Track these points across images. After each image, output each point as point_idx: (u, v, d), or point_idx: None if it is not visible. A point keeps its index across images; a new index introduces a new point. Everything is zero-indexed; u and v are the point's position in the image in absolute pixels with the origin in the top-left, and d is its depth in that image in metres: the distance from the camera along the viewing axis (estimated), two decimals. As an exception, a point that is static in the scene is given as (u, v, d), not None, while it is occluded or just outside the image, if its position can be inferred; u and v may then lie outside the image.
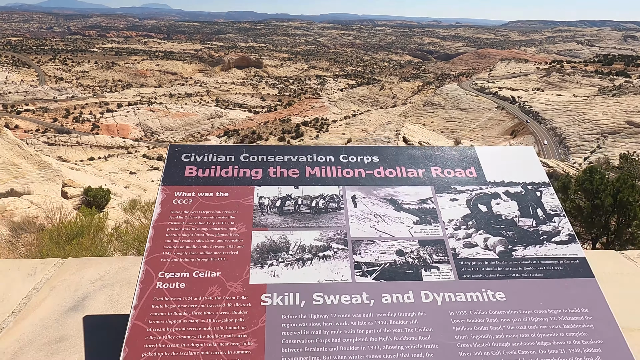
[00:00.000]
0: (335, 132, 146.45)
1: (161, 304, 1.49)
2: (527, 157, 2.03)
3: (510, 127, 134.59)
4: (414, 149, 2.04)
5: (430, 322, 1.50)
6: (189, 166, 1.89)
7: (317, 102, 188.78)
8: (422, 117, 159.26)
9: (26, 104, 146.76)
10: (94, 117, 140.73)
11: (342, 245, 1.67)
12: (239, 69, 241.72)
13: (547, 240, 1.73)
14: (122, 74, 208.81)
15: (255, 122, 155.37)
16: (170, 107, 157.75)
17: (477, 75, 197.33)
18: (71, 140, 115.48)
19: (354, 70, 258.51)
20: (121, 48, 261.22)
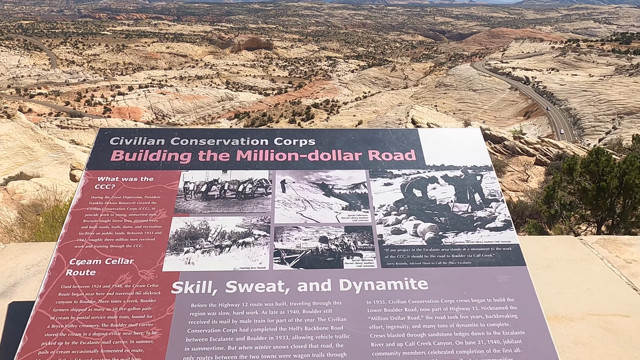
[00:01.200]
0: (345, 114, 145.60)
1: (68, 292, 1.46)
2: (472, 140, 1.95)
3: (523, 108, 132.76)
4: (353, 131, 1.96)
5: (345, 311, 1.44)
6: (116, 150, 1.84)
7: (328, 83, 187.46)
8: (433, 99, 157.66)
9: (39, 87, 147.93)
10: (106, 100, 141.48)
11: (264, 232, 1.62)
12: (249, 50, 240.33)
13: (480, 227, 1.66)
14: (132, 57, 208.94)
15: (266, 105, 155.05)
16: (181, 90, 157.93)
17: (491, 55, 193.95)
18: (83, 124, 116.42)
19: (365, 51, 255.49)
20: (131, 31, 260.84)
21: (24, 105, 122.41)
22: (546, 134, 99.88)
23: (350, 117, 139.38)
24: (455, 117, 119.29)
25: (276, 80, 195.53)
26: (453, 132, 1.99)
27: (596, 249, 2.18)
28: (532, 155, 29.54)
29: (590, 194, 14.67)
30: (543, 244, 2.22)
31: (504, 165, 27.40)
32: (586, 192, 14.70)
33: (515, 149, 30.23)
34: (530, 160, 28.83)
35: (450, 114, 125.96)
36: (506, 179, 27.08)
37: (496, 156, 29.64)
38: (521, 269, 1.56)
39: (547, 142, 32.40)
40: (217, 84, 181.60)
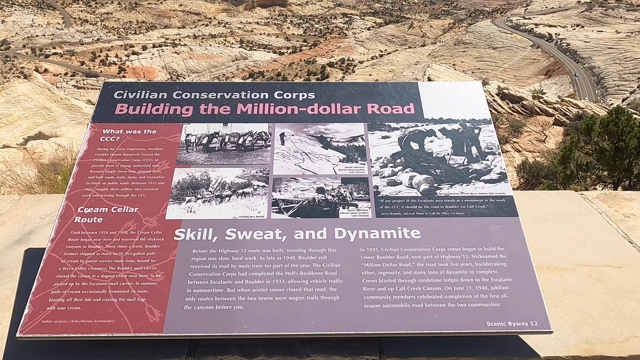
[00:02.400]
0: (361, 73, 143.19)
1: (77, 237, 1.54)
2: (472, 93, 1.94)
3: (545, 67, 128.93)
4: (353, 85, 1.97)
5: (339, 258, 1.50)
6: (120, 103, 1.88)
7: (343, 42, 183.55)
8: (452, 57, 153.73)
9: (53, 47, 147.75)
10: (120, 60, 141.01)
11: (262, 183, 1.67)
12: (263, 8, 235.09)
13: (475, 179, 1.68)
14: (145, 15, 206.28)
15: (280, 64, 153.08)
16: (195, 49, 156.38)
17: (513, 11, 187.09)
18: (99, 84, 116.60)
19: (382, 8, 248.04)
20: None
21: (40, 66, 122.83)
22: (568, 93, 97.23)
23: (366, 77, 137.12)
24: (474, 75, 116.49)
25: (291, 39, 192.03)
26: (453, 86, 1.98)
27: (596, 203, 2.19)
28: (551, 115, 28.91)
29: (607, 155, 14.39)
30: (543, 198, 2.24)
31: (522, 125, 26.93)
32: (604, 153, 14.44)
33: (534, 109, 29.58)
34: (549, 120, 28.24)
35: (468, 73, 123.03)
36: (523, 140, 26.66)
37: (514, 116, 29.07)
38: (513, 219, 1.59)
39: (567, 101, 31.58)
40: (231, 43, 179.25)
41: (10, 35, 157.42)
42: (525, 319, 1.39)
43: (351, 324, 1.38)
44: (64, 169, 10.29)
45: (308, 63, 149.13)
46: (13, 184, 9.39)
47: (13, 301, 1.63)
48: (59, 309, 1.40)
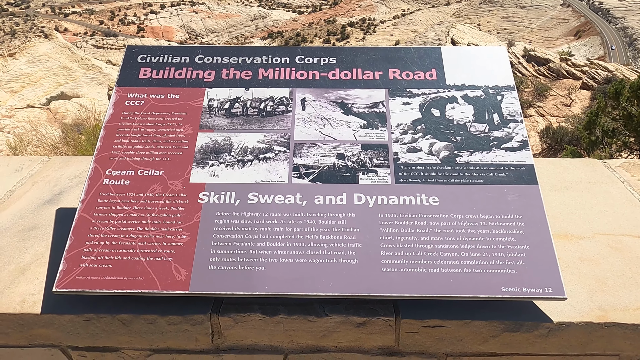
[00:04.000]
0: (382, 33, 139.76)
1: (106, 198, 1.60)
2: (496, 59, 1.91)
3: (574, 27, 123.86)
4: (375, 50, 1.95)
5: (358, 223, 1.54)
6: (143, 67, 1.90)
7: (365, 0, 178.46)
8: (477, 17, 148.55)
9: (72, 6, 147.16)
10: (139, 19, 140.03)
11: (284, 148, 1.70)
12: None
13: (496, 147, 1.68)
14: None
15: (300, 23, 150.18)
16: (213, 8, 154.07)
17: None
18: (118, 44, 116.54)
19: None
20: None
21: (60, 25, 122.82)
22: (597, 55, 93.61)
23: (387, 37, 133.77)
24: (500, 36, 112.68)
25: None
26: (477, 51, 1.95)
27: (618, 172, 2.17)
28: (579, 79, 27.99)
29: (636, 120, 13.91)
30: (564, 166, 2.23)
31: (547, 89, 26.18)
32: (632, 118, 13.94)
33: (561, 72, 28.65)
34: (576, 84, 27.35)
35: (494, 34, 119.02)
36: (548, 104, 25.97)
37: (539, 79, 28.22)
38: (533, 187, 1.60)
39: (596, 64, 30.45)
40: (250, 1, 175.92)
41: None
42: (540, 285, 1.41)
43: (368, 286, 1.43)
44: (87, 129, 10.45)
45: (328, 23, 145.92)
46: (38, 144, 9.60)
47: (48, 257, 1.71)
48: (91, 266, 1.48)
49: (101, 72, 73.67)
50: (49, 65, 68.24)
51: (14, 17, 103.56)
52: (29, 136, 10.43)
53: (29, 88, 64.51)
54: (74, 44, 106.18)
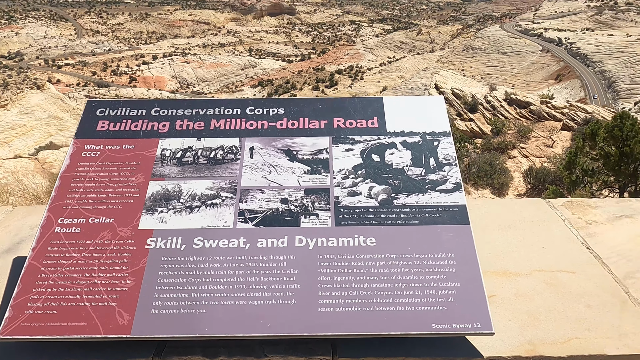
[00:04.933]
0: (370, 80, 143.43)
1: (57, 246, 1.66)
2: (434, 107, 2.04)
3: (555, 72, 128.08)
4: (321, 100, 2.08)
5: (297, 264, 1.61)
6: (101, 120, 2.01)
7: (352, 49, 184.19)
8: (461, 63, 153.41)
9: (66, 58, 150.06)
10: (131, 69, 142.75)
11: (230, 194, 1.78)
12: (272, 16, 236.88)
13: (431, 189, 1.78)
14: (155, 25, 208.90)
15: (289, 72, 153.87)
16: (205, 58, 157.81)
17: (522, 16, 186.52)
18: (110, 94, 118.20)
19: (390, 15, 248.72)
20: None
21: (53, 76, 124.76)
22: (579, 97, 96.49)
23: (375, 83, 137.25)
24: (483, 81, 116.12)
25: (299, 47, 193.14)
26: (416, 100, 2.08)
27: (561, 210, 2.27)
28: (559, 120, 28.77)
29: (613, 160, 14.26)
30: (511, 206, 2.33)
31: (529, 130, 26.82)
32: (609, 158, 14.29)
33: (542, 114, 29.46)
34: (557, 125, 28.10)
35: (477, 78, 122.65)
36: (530, 145, 26.55)
37: (521, 121, 28.97)
38: (465, 227, 1.69)
39: (575, 106, 31.40)
40: (240, 52, 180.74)
41: (24, 47, 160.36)
42: (469, 321, 1.47)
43: (306, 326, 1.48)
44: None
45: (317, 70, 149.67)
46: (21, 194, 9.61)
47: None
48: (37, 313, 1.52)
49: (92, 122, 74.04)
50: (41, 115, 68.94)
51: (7, 69, 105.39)
52: (12, 187, 10.44)
53: (20, 138, 64.87)
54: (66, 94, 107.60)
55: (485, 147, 25.86)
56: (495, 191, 19.18)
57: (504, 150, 25.39)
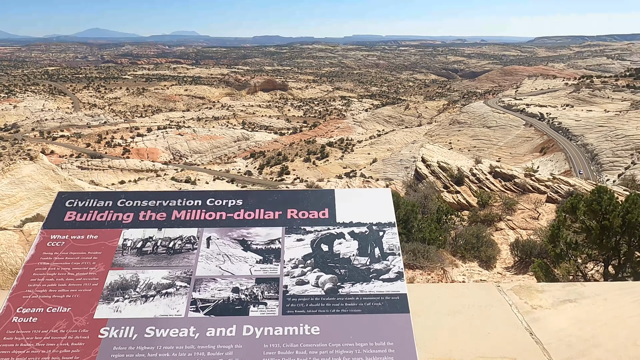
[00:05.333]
0: (360, 152, 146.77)
1: (12, 336, 1.72)
2: (381, 198, 2.21)
3: (539, 145, 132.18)
4: (277, 192, 2.24)
5: (244, 354, 1.68)
6: (69, 211, 2.14)
7: (342, 122, 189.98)
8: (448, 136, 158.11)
9: (61, 130, 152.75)
10: (125, 141, 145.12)
11: (185, 283, 1.88)
12: (265, 92, 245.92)
13: (375, 278, 1.89)
14: (152, 100, 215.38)
15: (281, 144, 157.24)
16: (198, 131, 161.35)
17: (504, 93, 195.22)
18: (103, 165, 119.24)
19: (379, 91, 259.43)
20: (151, 74, 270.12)
21: (47, 148, 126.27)
22: (564, 170, 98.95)
23: (365, 155, 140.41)
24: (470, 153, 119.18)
25: (291, 120, 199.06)
26: (365, 192, 2.25)
27: (509, 295, 2.37)
28: (544, 193, 29.34)
29: (594, 233, 14.49)
30: (460, 290, 2.43)
31: (514, 203, 27.26)
32: (590, 231, 14.53)
33: (526, 187, 30.09)
34: (542, 197, 28.62)
35: (465, 151, 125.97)
36: (517, 217, 26.88)
37: (507, 194, 29.52)
38: (404, 316, 1.78)
39: (558, 179, 32.21)
40: (234, 125, 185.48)
41: (21, 120, 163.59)
42: (405, 409, 1.53)
43: None
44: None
45: (308, 143, 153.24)
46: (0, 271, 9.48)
47: (-50, 396, 1.77)
48: (-14, 404, 1.56)
49: (83, 192, 74.33)
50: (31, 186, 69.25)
51: (1, 141, 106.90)
52: (-8, 261, 10.32)
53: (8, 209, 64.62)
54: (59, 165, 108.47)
55: (473, 219, 26.15)
56: (483, 264, 19.17)
57: (490, 223, 25.66)
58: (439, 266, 12.25)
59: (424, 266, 12.01)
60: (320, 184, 31.68)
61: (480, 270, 18.63)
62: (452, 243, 19.40)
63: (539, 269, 15.32)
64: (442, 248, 16.84)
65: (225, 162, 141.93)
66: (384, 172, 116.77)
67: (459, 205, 28.02)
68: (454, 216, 24.30)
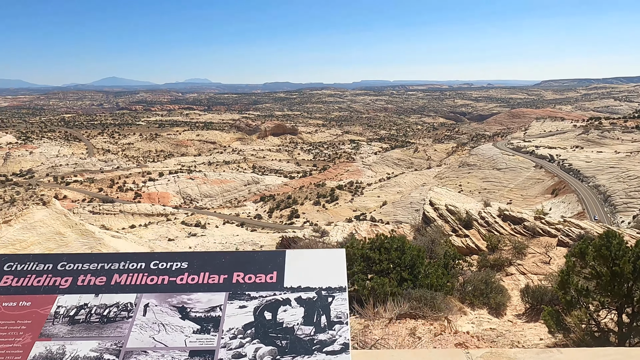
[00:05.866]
0: (370, 195, 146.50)
1: None
2: (335, 259, 2.09)
3: (550, 186, 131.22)
4: (226, 254, 2.13)
5: None
6: (6, 275, 2.04)
7: (352, 165, 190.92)
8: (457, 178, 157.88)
9: (75, 175, 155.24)
10: (137, 186, 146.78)
11: (113, 356, 1.75)
12: (275, 136, 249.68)
13: (319, 350, 1.75)
14: (164, 145, 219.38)
15: (291, 187, 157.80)
16: (209, 175, 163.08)
17: (512, 135, 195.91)
18: (114, 209, 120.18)
19: (388, 134, 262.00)
20: (164, 120, 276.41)
21: (60, 192, 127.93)
22: (576, 211, 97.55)
23: (375, 198, 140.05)
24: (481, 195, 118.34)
25: (301, 164, 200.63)
26: (318, 253, 2.14)
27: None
28: (554, 236, 28.74)
29: (604, 280, 14.05)
30: (427, 357, 2.26)
31: (525, 247, 26.68)
32: (601, 277, 14.09)
33: (536, 230, 29.53)
34: (552, 241, 28.01)
35: (475, 193, 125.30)
36: (527, 262, 26.24)
37: (516, 237, 28.97)
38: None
39: (569, 222, 31.64)
40: (244, 169, 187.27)
41: (36, 165, 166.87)
42: None
43: None
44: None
45: (318, 186, 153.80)
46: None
47: None
48: None
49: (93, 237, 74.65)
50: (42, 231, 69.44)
51: (16, 186, 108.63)
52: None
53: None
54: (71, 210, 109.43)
55: (482, 264, 25.53)
56: (493, 311, 18.54)
57: (500, 267, 25.00)
58: (442, 315, 11.80)
59: (427, 315, 11.56)
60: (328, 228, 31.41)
61: (489, 318, 18.01)
62: (460, 289, 18.87)
63: (549, 318, 14.75)
64: (449, 294, 16.32)
65: (235, 205, 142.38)
66: (394, 215, 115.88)
67: (468, 250, 27.47)
68: (462, 261, 23.79)
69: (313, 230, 32.45)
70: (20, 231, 67.35)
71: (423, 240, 23.27)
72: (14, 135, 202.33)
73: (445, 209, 32.81)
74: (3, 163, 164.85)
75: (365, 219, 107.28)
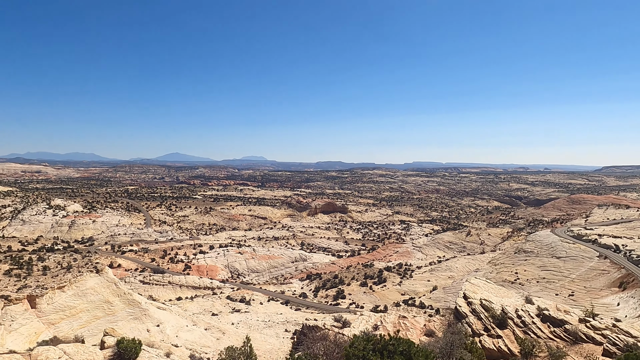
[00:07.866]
0: (419, 278, 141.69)
1: None
2: None
3: (617, 279, 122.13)
4: None
5: None
6: None
7: (401, 247, 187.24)
8: (513, 265, 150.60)
9: (131, 244, 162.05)
10: (187, 257, 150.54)
11: None
12: (325, 214, 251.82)
13: None
14: (217, 218, 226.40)
15: (338, 266, 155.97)
16: (257, 250, 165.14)
17: (573, 222, 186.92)
18: (163, 280, 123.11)
19: (439, 216, 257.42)
20: (219, 195, 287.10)
21: (115, 261, 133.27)
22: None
23: (425, 282, 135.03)
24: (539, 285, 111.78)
25: (349, 243, 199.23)
26: None
27: None
28: (600, 344, 26.33)
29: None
30: None
31: (563, 355, 24.59)
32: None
33: (579, 335, 27.27)
34: (596, 349, 25.60)
35: (533, 282, 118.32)
36: (566, 373, 24.02)
37: (555, 342, 26.81)
38: None
39: (618, 328, 29.12)
40: (293, 245, 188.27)
41: (97, 234, 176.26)
42: None
43: None
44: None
45: (365, 266, 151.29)
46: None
47: None
48: None
49: (139, 307, 75.80)
50: (92, 298, 71.65)
51: (75, 253, 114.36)
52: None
53: (67, 320, 66.57)
54: (123, 279, 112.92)
55: (513, 373, 23.63)
56: None
57: (533, 378, 23.01)
58: None
59: None
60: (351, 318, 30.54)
61: None
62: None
63: None
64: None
65: (281, 282, 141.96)
66: (445, 302, 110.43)
67: (499, 353, 25.68)
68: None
69: (334, 319, 31.48)
70: (72, 297, 69.86)
71: (441, 343, 21.96)
72: (80, 204, 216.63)
73: (480, 304, 31.23)
74: (68, 230, 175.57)
75: (414, 305, 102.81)
